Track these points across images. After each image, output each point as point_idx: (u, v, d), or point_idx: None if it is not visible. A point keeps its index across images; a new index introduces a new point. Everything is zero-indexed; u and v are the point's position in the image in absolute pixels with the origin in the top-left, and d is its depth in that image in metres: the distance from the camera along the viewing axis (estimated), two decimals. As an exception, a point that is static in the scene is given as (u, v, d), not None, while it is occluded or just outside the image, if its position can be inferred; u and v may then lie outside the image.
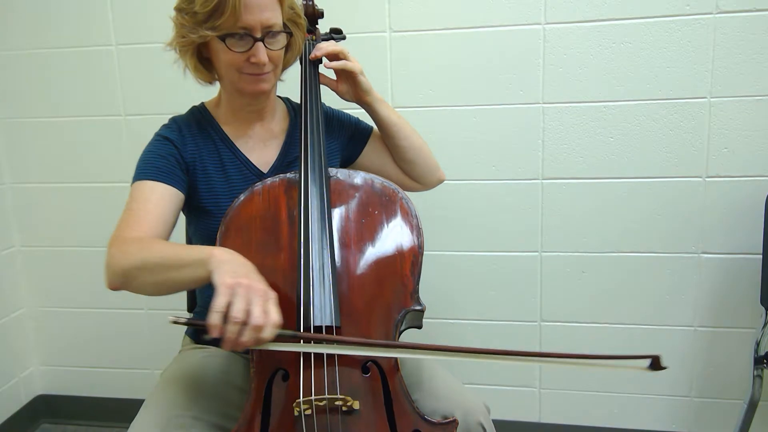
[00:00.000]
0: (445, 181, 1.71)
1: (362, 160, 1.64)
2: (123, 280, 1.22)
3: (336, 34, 1.69)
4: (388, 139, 1.59)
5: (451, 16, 2.08)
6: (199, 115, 1.52)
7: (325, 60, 1.50)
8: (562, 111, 2.08)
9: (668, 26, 1.97)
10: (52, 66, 2.33)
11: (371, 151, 1.64)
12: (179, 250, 1.18)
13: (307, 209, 1.29)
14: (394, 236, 1.33)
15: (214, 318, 1.02)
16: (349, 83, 1.53)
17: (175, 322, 1.06)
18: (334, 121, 1.62)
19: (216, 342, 1.05)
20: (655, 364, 1.12)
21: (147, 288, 1.23)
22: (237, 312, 1.02)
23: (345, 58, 1.50)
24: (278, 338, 1.08)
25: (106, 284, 1.24)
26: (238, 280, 1.05)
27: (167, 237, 1.36)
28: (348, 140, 1.63)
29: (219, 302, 1.03)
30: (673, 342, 2.17)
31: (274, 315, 1.05)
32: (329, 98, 1.60)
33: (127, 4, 2.24)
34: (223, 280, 1.05)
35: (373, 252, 1.30)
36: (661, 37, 1.98)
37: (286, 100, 1.62)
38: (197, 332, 1.05)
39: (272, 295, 1.07)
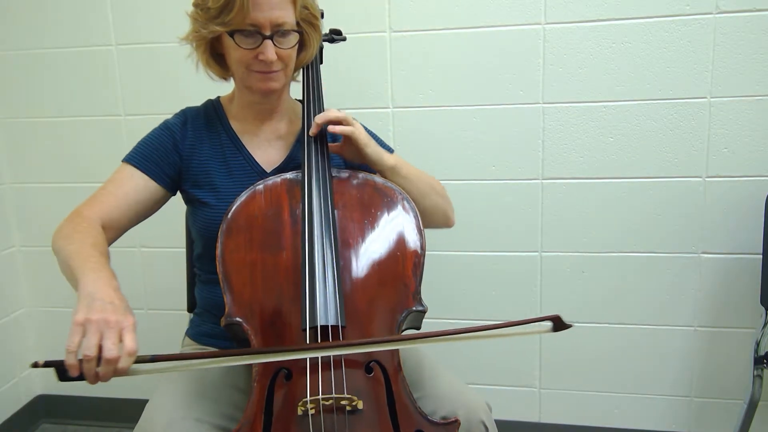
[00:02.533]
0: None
1: None
2: (54, 253, 1.31)
3: (336, 35, 1.69)
4: None
5: (451, 16, 2.08)
6: (211, 108, 1.54)
7: (332, 128, 1.39)
8: (562, 111, 2.08)
9: (668, 26, 1.97)
10: (52, 66, 2.33)
11: None
12: (77, 258, 1.20)
13: (311, 208, 1.30)
14: (396, 237, 1.33)
15: (69, 358, 1.02)
16: (354, 150, 1.42)
17: (35, 366, 1.04)
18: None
19: (83, 378, 1.05)
20: (558, 324, 1.18)
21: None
22: (87, 349, 1.01)
23: (348, 125, 1.39)
24: (139, 361, 1.07)
25: None
26: (88, 317, 1.03)
27: (125, 225, 1.43)
28: (359, 164, 1.56)
29: (70, 341, 1.02)
30: (673, 342, 2.17)
31: (129, 344, 1.03)
32: (337, 103, 1.59)
33: (127, 4, 2.24)
34: (74, 318, 1.04)
35: (375, 252, 1.31)
36: (661, 37, 1.98)
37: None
38: (61, 372, 1.05)
39: (127, 324, 1.05)
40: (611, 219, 2.12)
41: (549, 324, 1.18)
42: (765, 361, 1.93)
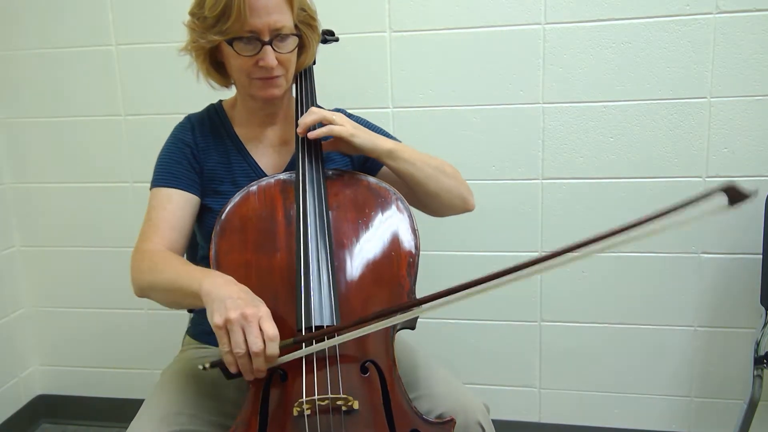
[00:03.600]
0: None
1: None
2: (144, 295, 1.32)
3: (329, 35, 1.68)
4: (402, 184, 1.47)
5: (451, 16, 2.08)
6: (214, 114, 1.53)
7: (311, 134, 1.35)
8: (562, 111, 2.08)
9: (668, 26, 1.97)
10: (52, 66, 2.33)
11: (384, 179, 1.51)
12: (180, 276, 1.22)
13: (305, 209, 1.29)
14: (390, 237, 1.32)
15: (226, 358, 1.09)
16: (345, 144, 1.39)
17: (204, 368, 1.14)
18: None
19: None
20: (734, 195, 0.99)
21: (165, 304, 1.31)
22: (236, 348, 1.07)
23: (330, 123, 1.35)
24: (285, 349, 1.12)
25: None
26: (227, 316, 1.07)
27: (185, 243, 1.42)
28: (363, 160, 1.55)
29: (221, 344, 1.08)
30: (673, 342, 2.17)
31: (270, 330, 1.08)
32: (337, 103, 1.59)
33: (127, 4, 2.24)
34: (214, 322, 1.08)
35: (369, 253, 1.30)
36: (661, 37, 1.98)
37: None
38: (225, 372, 1.12)
39: (263, 312, 1.10)
40: (611, 219, 2.12)
41: (724, 197, 1.00)
42: (765, 361, 1.93)
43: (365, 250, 1.30)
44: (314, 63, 1.55)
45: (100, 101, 2.33)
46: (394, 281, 1.29)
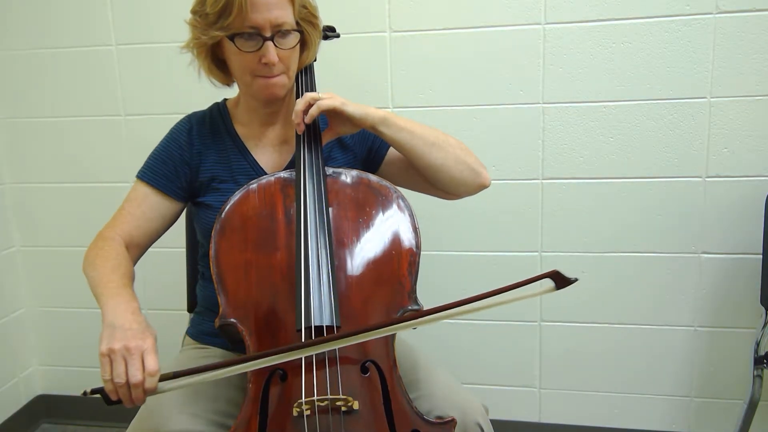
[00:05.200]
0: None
1: (385, 175, 1.52)
2: None
3: (330, 32, 1.68)
4: (405, 158, 1.46)
5: (451, 16, 2.08)
6: (217, 113, 1.54)
7: (306, 117, 1.34)
8: (562, 111, 2.08)
9: (668, 26, 1.97)
10: (52, 66, 2.33)
11: (390, 167, 1.55)
12: (100, 284, 1.28)
13: (306, 207, 1.29)
14: (391, 236, 1.32)
15: (107, 386, 1.11)
16: (341, 120, 1.38)
17: (84, 394, 1.14)
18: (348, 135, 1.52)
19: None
20: (559, 281, 1.12)
21: None
22: (116, 378, 1.10)
23: (318, 100, 1.34)
24: (163, 379, 1.13)
25: None
26: (111, 347, 1.11)
27: (146, 243, 1.48)
28: (366, 153, 1.56)
29: (102, 371, 1.11)
30: (673, 342, 2.17)
31: (150, 365, 1.11)
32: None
33: (127, 4, 2.24)
34: (100, 349, 1.12)
35: (370, 251, 1.30)
36: (661, 37, 1.98)
37: None
38: (105, 398, 1.14)
39: (148, 345, 1.12)
40: (611, 219, 2.12)
41: (550, 282, 1.14)
42: (765, 361, 1.93)
43: (366, 248, 1.30)
44: (315, 60, 1.55)
45: (100, 101, 2.33)
46: (395, 280, 1.29)
